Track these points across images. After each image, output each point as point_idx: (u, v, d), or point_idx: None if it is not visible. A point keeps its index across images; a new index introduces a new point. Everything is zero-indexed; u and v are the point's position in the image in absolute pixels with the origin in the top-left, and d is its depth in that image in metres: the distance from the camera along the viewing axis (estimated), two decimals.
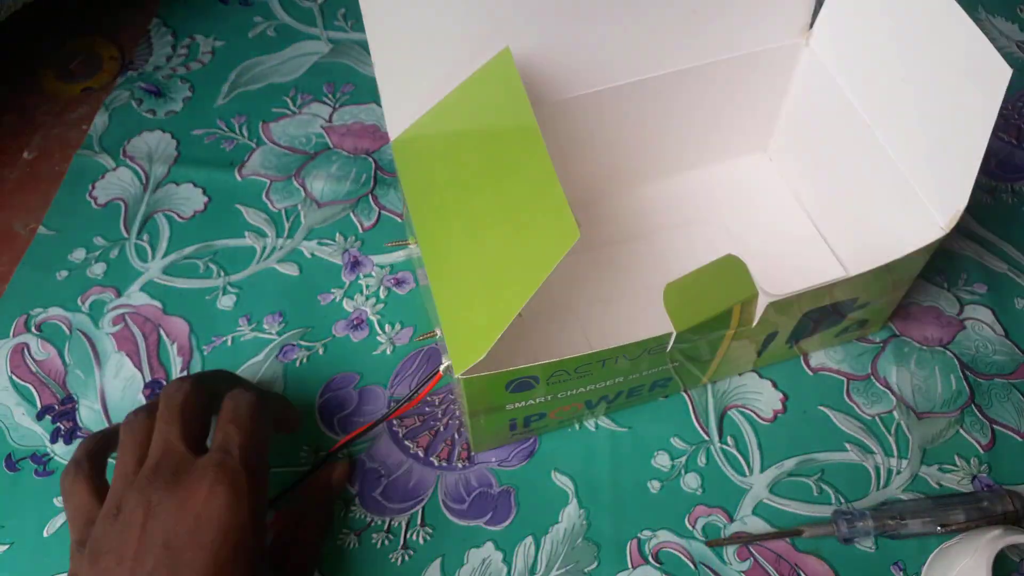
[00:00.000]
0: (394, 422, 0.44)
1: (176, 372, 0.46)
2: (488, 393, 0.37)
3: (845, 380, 0.46)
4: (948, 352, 0.47)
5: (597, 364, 0.37)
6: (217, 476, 0.32)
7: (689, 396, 0.45)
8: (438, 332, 0.38)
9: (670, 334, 0.36)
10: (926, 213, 0.39)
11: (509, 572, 0.40)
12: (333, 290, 0.49)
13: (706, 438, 0.44)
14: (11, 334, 0.47)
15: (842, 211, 0.48)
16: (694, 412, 0.45)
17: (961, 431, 0.44)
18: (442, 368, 0.37)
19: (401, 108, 0.40)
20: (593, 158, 0.48)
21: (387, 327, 0.47)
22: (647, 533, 0.41)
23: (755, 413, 0.45)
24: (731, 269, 0.35)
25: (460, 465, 0.43)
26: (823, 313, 0.41)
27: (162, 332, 0.47)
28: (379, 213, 0.52)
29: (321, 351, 0.46)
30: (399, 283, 0.49)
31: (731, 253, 0.35)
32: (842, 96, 0.43)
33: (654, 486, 0.43)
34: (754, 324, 0.38)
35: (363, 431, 0.42)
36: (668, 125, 0.48)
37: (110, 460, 0.36)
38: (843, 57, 0.43)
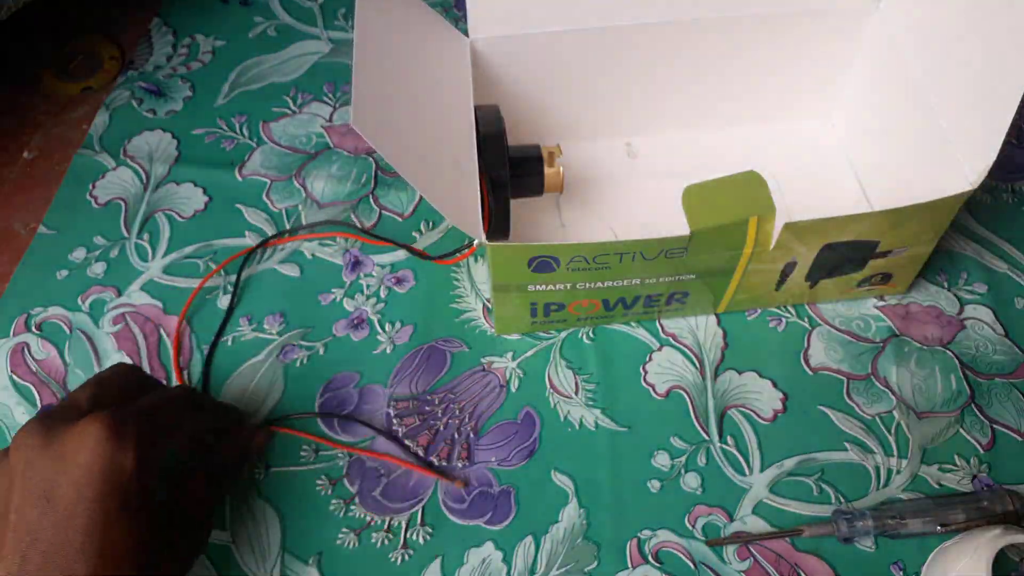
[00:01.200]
0: (394, 422, 0.44)
1: (176, 372, 0.46)
2: (512, 267, 0.40)
3: (845, 380, 0.46)
4: (948, 352, 0.47)
5: (615, 257, 0.39)
6: (103, 426, 0.31)
7: (689, 396, 0.45)
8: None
9: (688, 236, 0.38)
10: (960, 171, 0.40)
11: (509, 572, 0.40)
12: (334, 290, 0.49)
13: (706, 438, 0.44)
14: (11, 333, 0.47)
15: (888, 174, 0.49)
16: (694, 412, 0.45)
17: (961, 431, 0.44)
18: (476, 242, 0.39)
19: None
20: (658, 89, 0.51)
21: (387, 326, 0.48)
22: (647, 533, 0.41)
23: (755, 413, 0.45)
24: (752, 183, 0.37)
25: (460, 465, 0.43)
26: (843, 252, 0.42)
27: (162, 332, 0.47)
28: (380, 213, 0.52)
29: (321, 350, 0.46)
30: (399, 282, 0.49)
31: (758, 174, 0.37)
32: (903, 60, 0.45)
33: (654, 486, 0.43)
34: (771, 246, 0.39)
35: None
36: (734, 70, 0.50)
37: None
38: (910, 18, 0.45)
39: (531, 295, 0.42)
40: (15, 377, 0.46)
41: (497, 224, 0.43)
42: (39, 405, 0.45)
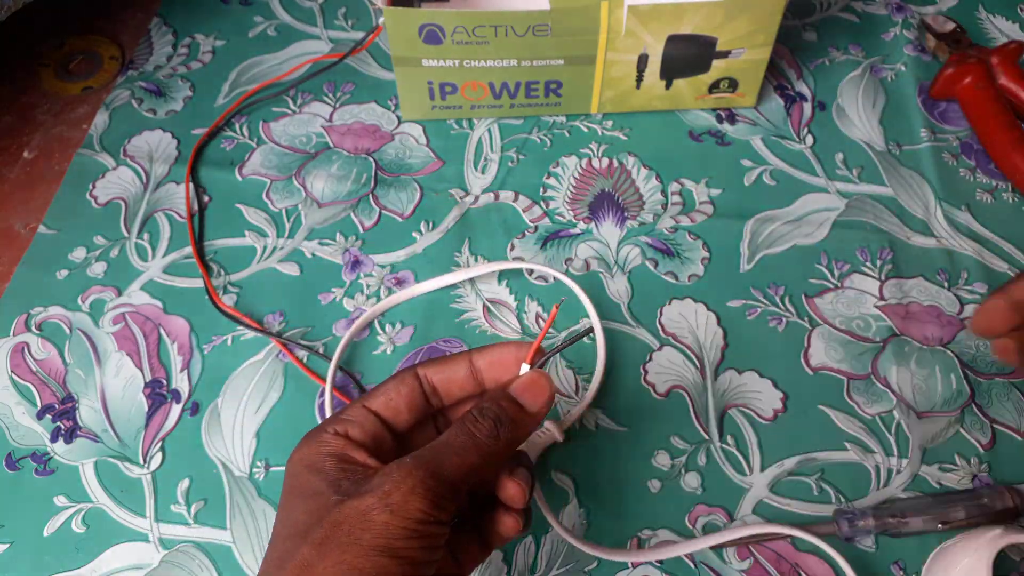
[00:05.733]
0: None
1: (176, 371, 0.46)
2: (404, 36, 0.48)
3: (845, 379, 0.46)
4: (948, 351, 0.47)
5: (491, 29, 0.47)
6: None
7: (689, 395, 0.45)
8: None
9: (548, 11, 0.47)
10: None
11: (509, 571, 0.40)
12: (334, 289, 0.49)
13: (706, 437, 0.44)
14: (11, 333, 0.47)
15: None
16: (694, 411, 0.45)
17: (961, 430, 0.44)
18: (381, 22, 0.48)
19: None
20: None
21: (387, 327, 0.47)
22: (647, 532, 0.41)
23: (755, 412, 0.45)
24: None
25: None
26: (687, 48, 0.50)
27: (162, 331, 0.47)
28: (380, 213, 0.52)
29: (321, 350, 0.46)
30: (399, 283, 0.49)
31: None
32: None
33: (654, 485, 0.43)
34: (623, 32, 0.48)
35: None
36: None
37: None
38: None
39: (426, 72, 0.51)
40: (15, 377, 0.46)
41: None
42: (39, 405, 0.45)
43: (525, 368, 0.33)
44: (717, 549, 0.41)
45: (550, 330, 0.46)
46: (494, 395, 0.32)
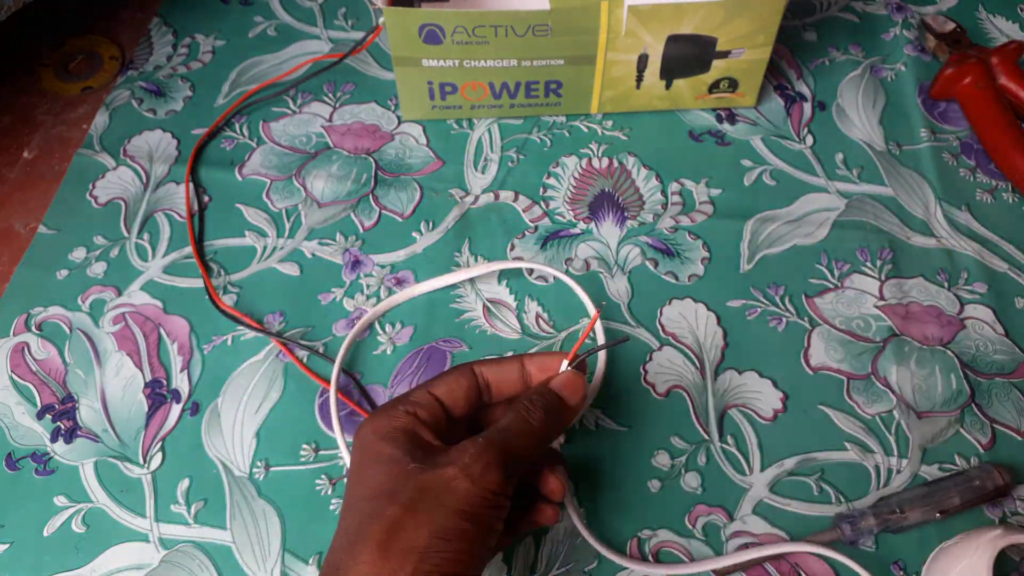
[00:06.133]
0: None
1: (176, 371, 0.46)
2: (404, 36, 0.48)
3: (845, 379, 0.46)
4: (948, 351, 0.47)
5: (491, 30, 0.47)
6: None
7: (689, 395, 0.45)
8: None
9: (548, 11, 0.47)
10: None
11: (510, 571, 0.40)
12: (334, 289, 0.49)
13: (706, 437, 0.44)
14: (11, 333, 0.47)
15: None
16: (694, 411, 0.45)
17: (961, 430, 0.44)
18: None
19: None
20: None
21: (387, 327, 0.47)
22: (647, 532, 0.41)
23: (755, 412, 0.45)
24: None
25: None
26: (687, 47, 0.50)
27: (162, 331, 0.47)
28: (380, 213, 0.52)
29: (321, 350, 0.46)
30: (399, 283, 0.49)
31: None
32: None
33: (654, 485, 0.43)
34: (623, 32, 0.48)
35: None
36: None
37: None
38: None
39: (426, 72, 0.51)
40: (15, 377, 0.46)
41: None
42: (39, 405, 0.45)
43: (564, 366, 0.37)
44: (717, 549, 0.41)
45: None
46: (539, 389, 0.36)
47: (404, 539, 0.30)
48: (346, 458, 0.43)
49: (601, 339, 0.46)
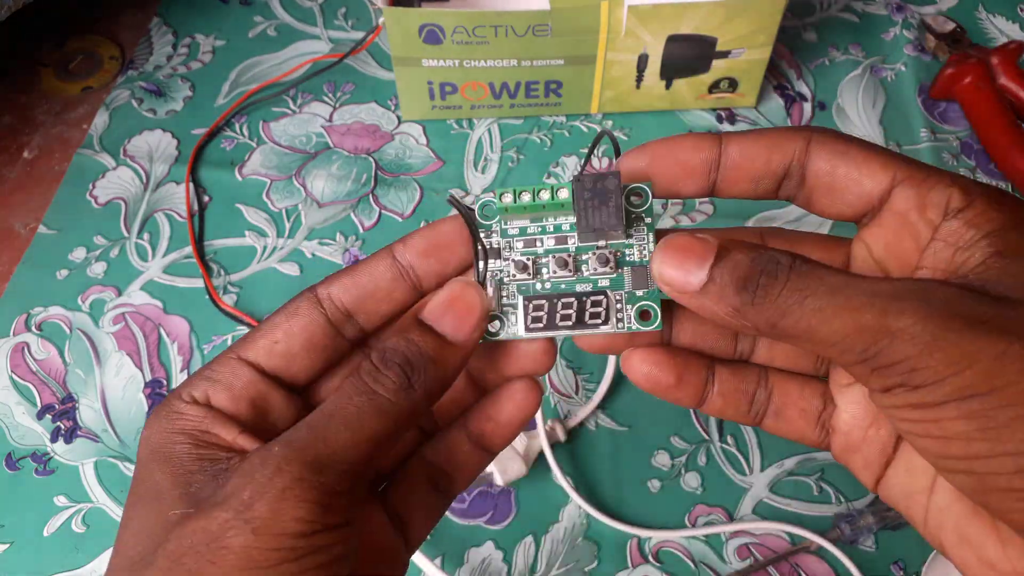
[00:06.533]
0: None
1: (176, 371, 0.46)
2: (404, 36, 0.48)
3: None
4: None
5: (491, 30, 0.47)
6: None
7: None
8: None
9: (548, 11, 0.47)
10: None
11: (509, 571, 0.40)
12: None
13: (706, 437, 0.44)
14: (11, 333, 0.47)
15: None
16: (694, 411, 0.45)
17: None
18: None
19: None
20: None
21: None
22: (647, 533, 0.41)
23: None
24: None
25: None
26: (687, 47, 0.50)
27: (162, 331, 0.47)
28: (380, 213, 0.52)
29: None
30: None
31: None
32: None
33: (654, 485, 0.43)
34: (623, 32, 0.48)
35: None
36: None
37: None
38: None
39: (426, 72, 0.51)
40: (15, 377, 0.46)
41: None
42: (39, 405, 0.45)
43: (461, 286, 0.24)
44: (717, 549, 0.41)
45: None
46: (402, 326, 0.23)
47: None
48: None
49: None
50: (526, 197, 0.24)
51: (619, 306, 0.24)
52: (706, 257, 0.21)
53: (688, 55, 0.51)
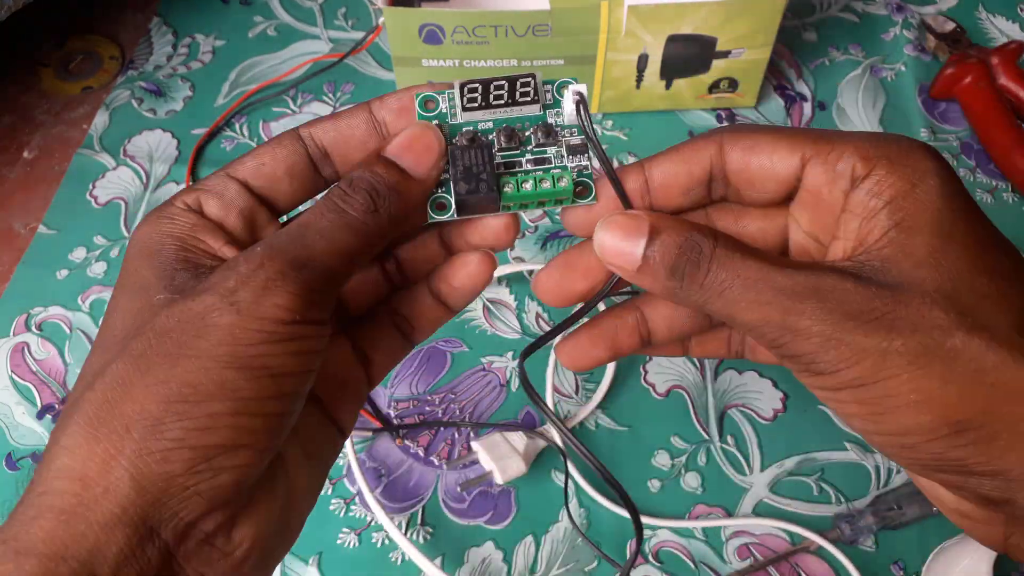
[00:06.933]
0: (394, 422, 0.44)
1: None
2: (404, 36, 0.48)
3: None
4: None
5: (491, 30, 0.47)
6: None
7: (689, 395, 0.45)
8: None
9: (549, 11, 0.47)
10: None
11: (509, 571, 0.40)
12: None
13: (706, 437, 0.44)
14: (11, 333, 0.47)
15: None
16: (694, 411, 0.45)
17: None
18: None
19: None
20: None
21: None
22: (647, 532, 0.41)
23: (755, 412, 0.45)
24: None
25: (461, 464, 0.43)
26: (687, 47, 0.50)
27: None
28: None
29: None
30: None
31: None
32: None
33: (654, 485, 0.43)
34: (623, 32, 0.48)
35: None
36: None
37: None
38: None
39: (426, 72, 0.51)
40: (15, 377, 0.46)
41: None
42: (39, 405, 0.45)
43: (420, 111, 0.27)
44: (717, 549, 0.41)
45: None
46: (368, 160, 0.25)
47: (128, 409, 0.20)
48: (351, 457, 0.43)
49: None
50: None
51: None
52: (638, 236, 0.24)
53: (688, 55, 0.51)
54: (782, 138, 0.25)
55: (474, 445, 0.42)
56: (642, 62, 0.51)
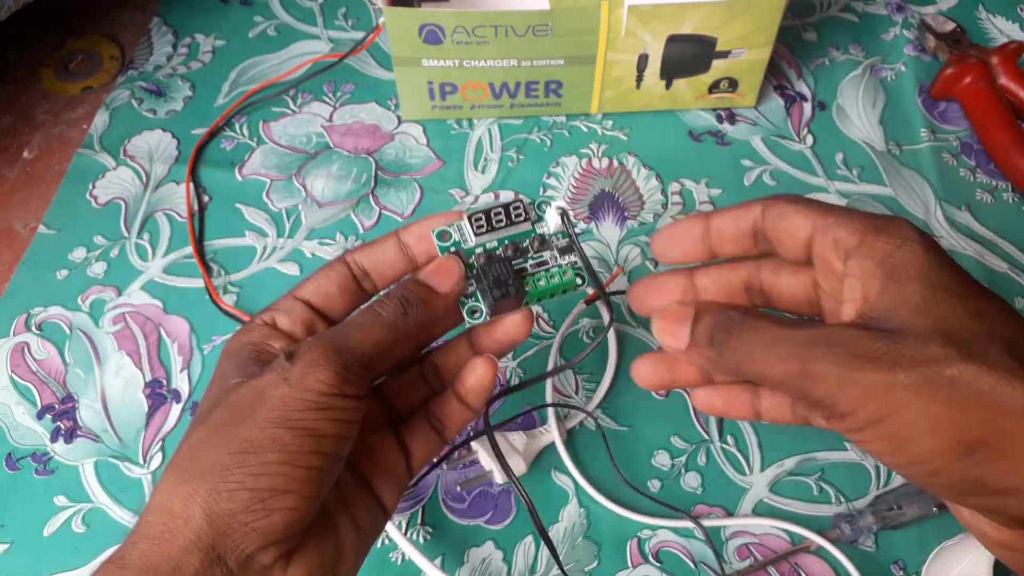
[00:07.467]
0: None
1: (176, 371, 0.46)
2: (404, 36, 0.48)
3: None
4: None
5: (491, 30, 0.48)
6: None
7: (689, 395, 0.45)
8: None
9: (548, 11, 0.47)
10: None
11: (509, 571, 0.40)
12: None
13: (706, 437, 0.44)
14: (11, 333, 0.47)
15: None
16: (694, 411, 0.45)
17: None
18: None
19: None
20: None
21: None
22: (647, 532, 0.41)
23: None
24: None
25: (461, 464, 0.43)
26: (687, 47, 0.50)
27: (162, 331, 0.47)
28: (380, 213, 0.52)
29: None
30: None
31: None
32: None
33: (654, 485, 0.43)
34: (623, 32, 0.48)
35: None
36: None
37: None
38: None
39: (426, 72, 0.51)
40: (15, 377, 0.46)
41: None
42: (39, 405, 0.45)
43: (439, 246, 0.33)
44: (717, 550, 0.41)
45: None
46: (404, 281, 0.32)
47: (204, 459, 0.26)
48: None
49: (610, 338, 0.46)
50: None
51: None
52: (685, 321, 0.29)
53: (688, 55, 0.51)
54: (803, 209, 0.29)
55: (474, 445, 0.42)
56: (642, 62, 0.51)
